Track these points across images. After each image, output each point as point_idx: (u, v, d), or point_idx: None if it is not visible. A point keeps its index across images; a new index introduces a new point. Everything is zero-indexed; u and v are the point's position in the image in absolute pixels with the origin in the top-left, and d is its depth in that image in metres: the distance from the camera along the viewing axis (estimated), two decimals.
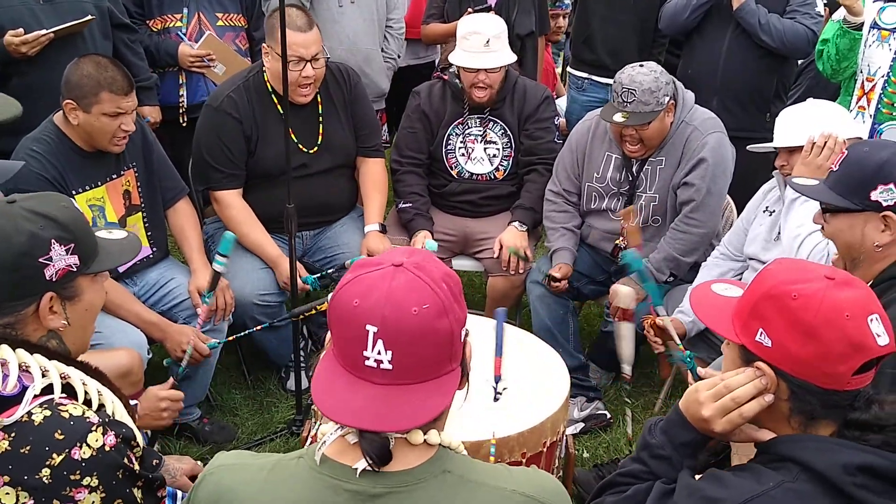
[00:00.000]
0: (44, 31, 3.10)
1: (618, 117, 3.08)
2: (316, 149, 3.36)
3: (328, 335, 1.27)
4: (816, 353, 1.32)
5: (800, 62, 4.19)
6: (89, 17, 3.25)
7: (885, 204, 1.92)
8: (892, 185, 1.91)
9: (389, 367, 1.17)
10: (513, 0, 4.23)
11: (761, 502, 1.29)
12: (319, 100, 3.35)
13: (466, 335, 1.28)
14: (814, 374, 1.34)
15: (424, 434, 1.22)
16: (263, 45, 3.27)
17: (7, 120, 2.16)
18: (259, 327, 2.98)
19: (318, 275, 3.22)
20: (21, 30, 3.07)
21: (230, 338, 2.99)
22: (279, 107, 3.27)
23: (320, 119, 3.36)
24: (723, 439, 1.50)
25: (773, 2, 3.71)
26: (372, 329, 1.17)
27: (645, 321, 2.85)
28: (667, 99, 3.08)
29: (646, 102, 3.03)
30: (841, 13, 3.35)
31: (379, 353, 1.17)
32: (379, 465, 1.19)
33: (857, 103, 3.34)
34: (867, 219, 1.94)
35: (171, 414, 2.28)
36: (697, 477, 1.42)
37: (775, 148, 2.81)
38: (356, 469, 1.20)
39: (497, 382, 2.17)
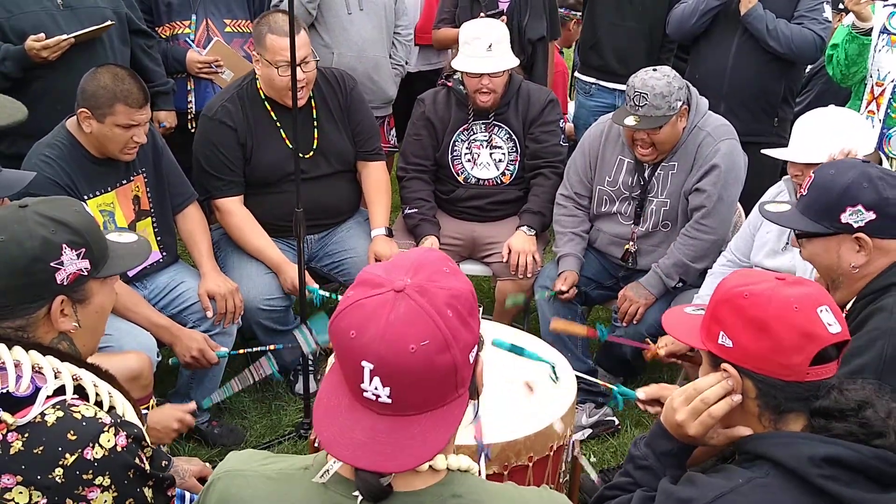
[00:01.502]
0: (64, 36, 3.13)
1: (629, 121, 3.08)
2: (311, 153, 3.38)
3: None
4: (771, 346, 1.40)
5: (810, 67, 4.19)
6: (108, 22, 3.28)
7: (855, 225, 1.90)
8: (859, 207, 1.89)
9: (388, 401, 1.12)
10: (524, 5, 4.24)
11: (730, 499, 1.34)
12: (314, 104, 3.36)
13: (479, 351, 1.21)
14: (773, 367, 1.41)
15: (430, 462, 1.18)
16: (253, 52, 3.29)
17: (12, 124, 2.17)
18: (272, 347, 2.96)
19: (326, 294, 3.20)
20: (42, 35, 3.10)
21: (240, 351, 2.99)
22: (272, 113, 3.30)
23: (314, 124, 3.38)
24: (700, 443, 1.54)
25: (780, 7, 3.72)
26: (368, 366, 1.11)
27: (648, 355, 2.87)
28: (679, 104, 3.08)
29: (657, 106, 3.04)
30: (850, 18, 3.35)
31: (376, 388, 1.11)
32: (376, 502, 1.15)
33: (866, 108, 3.35)
34: (841, 241, 1.93)
35: (177, 435, 2.26)
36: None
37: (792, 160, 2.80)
38: (356, 496, 1.16)
39: (480, 453, 2.01)
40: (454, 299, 1.15)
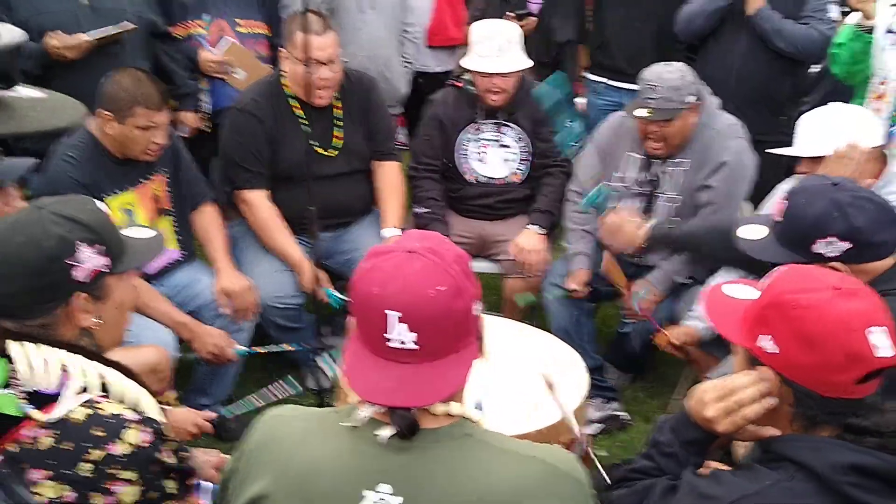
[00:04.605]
0: (83, 36, 3.17)
1: (641, 112, 3.11)
2: (333, 152, 3.42)
3: (351, 320, 1.35)
4: (817, 362, 1.36)
5: (818, 67, 4.20)
6: (130, 26, 3.32)
7: (829, 255, 1.89)
8: (831, 238, 1.88)
9: (415, 346, 1.26)
10: (554, 7, 4.26)
11: (754, 500, 1.33)
12: (337, 104, 3.40)
13: (479, 309, 1.35)
14: (815, 381, 1.37)
15: (446, 406, 1.31)
16: (281, 49, 3.33)
17: (73, 125, 2.13)
18: (289, 347, 3.01)
19: (344, 298, 3.24)
20: (60, 32, 3.14)
21: (259, 349, 3.03)
22: (296, 110, 3.33)
23: (338, 123, 3.42)
24: (728, 438, 1.53)
25: (787, 7, 3.74)
26: (393, 314, 1.24)
27: (660, 344, 2.90)
28: (691, 98, 3.11)
29: (669, 99, 3.06)
30: (855, 17, 3.37)
31: (402, 334, 1.25)
32: (409, 436, 1.28)
33: (870, 107, 3.36)
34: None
35: (191, 438, 2.30)
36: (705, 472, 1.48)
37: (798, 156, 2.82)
38: (377, 435, 1.28)
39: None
40: (459, 258, 1.32)
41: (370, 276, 1.29)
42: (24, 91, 0.77)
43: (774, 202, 2.97)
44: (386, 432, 1.28)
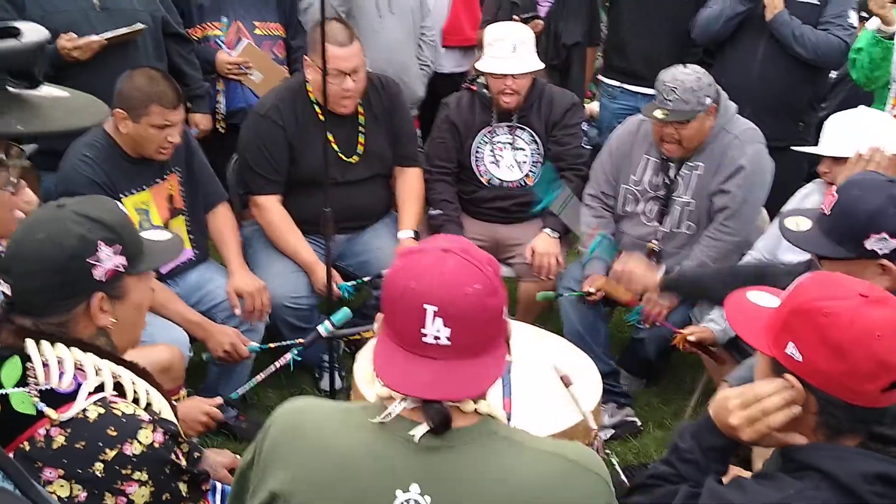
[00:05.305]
0: (95, 37, 3.18)
1: (657, 114, 3.10)
2: (355, 158, 3.43)
3: (379, 317, 1.36)
4: (844, 370, 1.33)
5: (836, 72, 4.18)
6: (141, 26, 3.33)
7: (880, 252, 1.88)
8: (884, 235, 1.86)
9: (448, 342, 1.26)
10: (562, 10, 4.26)
11: None
12: (361, 110, 3.41)
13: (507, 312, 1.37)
14: (841, 390, 1.35)
15: (475, 403, 1.31)
16: (305, 57, 3.34)
17: (95, 125, 2.10)
18: (301, 341, 3.01)
19: (353, 282, 3.27)
20: (73, 34, 3.15)
21: (271, 345, 3.05)
22: (320, 116, 3.34)
23: (361, 129, 3.43)
24: (752, 446, 1.52)
25: (806, 13, 3.71)
26: (430, 308, 1.25)
27: (679, 345, 2.89)
28: (708, 101, 3.10)
29: (686, 101, 3.05)
30: (875, 23, 3.35)
31: (438, 329, 1.26)
32: (441, 431, 1.28)
33: (891, 112, 3.33)
34: (864, 265, 1.90)
35: (204, 429, 2.30)
36: (726, 479, 1.46)
37: (820, 155, 2.81)
38: (413, 435, 1.28)
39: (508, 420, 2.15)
40: (490, 261, 1.33)
41: (407, 271, 1.30)
42: (46, 90, 0.78)
43: (794, 206, 2.98)
44: (420, 429, 1.28)
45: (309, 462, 1.33)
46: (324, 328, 2.61)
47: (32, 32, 0.83)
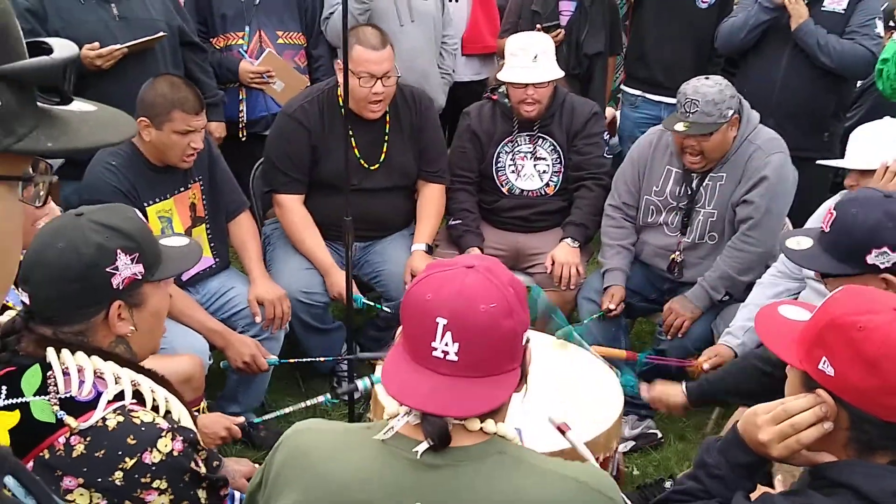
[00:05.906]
0: (118, 46, 3.22)
1: (679, 126, 3.08)
2: (377, 166, 3.44)
3: (399, 330, 1.36)
4: (878, 385, 1.30)
5: (861, 82, 4.14)
6: (161, 34, 3.37)
7: (882, 266, 1.87)
8: (885, 249, 1.86)
9: (455, 358, 1.25)
10: (584, 19, 4.26)
11: None
12: (388, 119, 3.42)
13: (528, 342, 1.34)
14: (875, 406, 1.32)
15: (482, 423, 1.29)
16: (336, 61, 3.36)
17: (124, 141, 2.14)
18: (322, 359, 3.01)
19: (370, 303, 3.27)
20: (97, 43, 3.19)
21: (290, 360, 3.05)
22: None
23: (385, 138, 3.44)
24: (781, 463, 1.49)
25: (831, 23, 3.68)
26: (442, 321, 1.25)
27: (695, 372, 2.87)
28: (730, 112, 3.07)
29: (708, 113, 3.03)
30: None
31: (447, 344, 1.25)
32: (440, 446, 1.27)
33: None
34: (867, 280, 1.88)
35: (222, 443, 2.30)
36: (753, 496, 1.43)
37: (846, 168, 2.78)
38: (416, 451, 1.27)
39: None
40: (515, 282, 1.32)
41: (426, 283, 1.30)
42: (75, 105, 0.77)
43: (817, 219, 2.95)
44: (422, 446, 1.27)
45: (314, 484, 1.33)
46: (363, 384, 2.59)
47: (63, 48, 0.83)
